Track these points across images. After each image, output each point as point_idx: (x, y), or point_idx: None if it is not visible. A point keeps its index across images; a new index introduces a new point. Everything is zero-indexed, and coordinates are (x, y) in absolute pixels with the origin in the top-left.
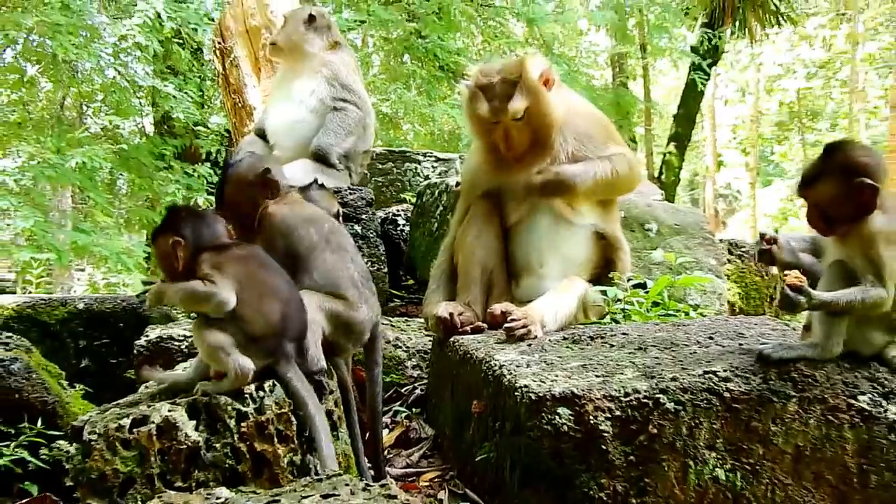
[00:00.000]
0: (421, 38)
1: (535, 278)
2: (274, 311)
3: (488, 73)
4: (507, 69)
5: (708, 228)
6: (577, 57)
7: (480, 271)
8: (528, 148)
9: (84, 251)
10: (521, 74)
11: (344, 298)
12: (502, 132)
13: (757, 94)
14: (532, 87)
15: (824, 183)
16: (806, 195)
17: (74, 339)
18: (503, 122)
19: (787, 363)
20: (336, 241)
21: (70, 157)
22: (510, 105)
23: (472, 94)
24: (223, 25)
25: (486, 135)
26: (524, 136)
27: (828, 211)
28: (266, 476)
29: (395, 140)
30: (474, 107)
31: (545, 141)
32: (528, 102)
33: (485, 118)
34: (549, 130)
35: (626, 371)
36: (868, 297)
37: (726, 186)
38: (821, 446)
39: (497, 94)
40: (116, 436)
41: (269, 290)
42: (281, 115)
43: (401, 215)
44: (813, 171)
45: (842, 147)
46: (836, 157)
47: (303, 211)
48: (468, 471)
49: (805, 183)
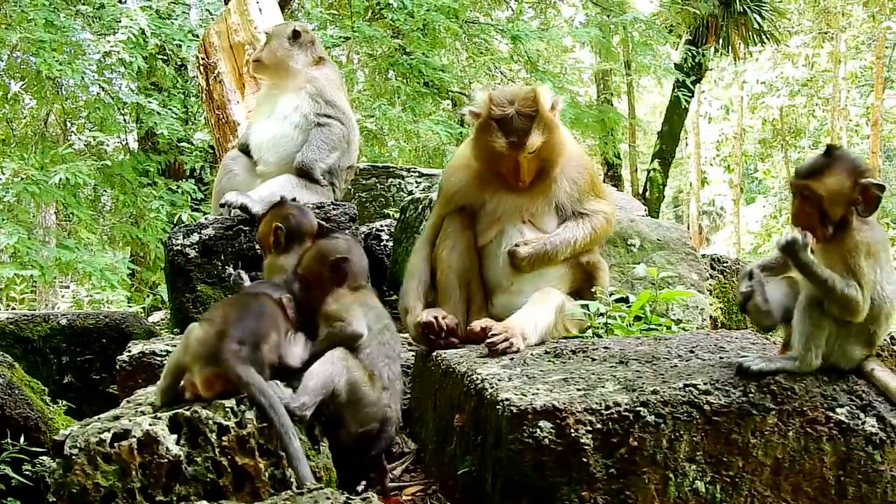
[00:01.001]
0: (406, 55)
1: (508, 295)
2: (216, 316)
3: (502, 105)
4: (521, 100)
5: (690, 244)
6: (562, 74)
7: (458, 283)
8: (534, 177)
9: (68, 268)
10: (538, 108)
11: (371, 374)
12: (513, 163)
13: (740, 112)
14: (548, 122)
15: (833, 176)
16: (809, 186)
17: (57, 354)
18: (517, 154)
19: (766, 376)
20: (385, 339)
21: (54, 174)
22: (529, 141)
23: (486, 125)
24: (207, 41)
25: (493, 163)
26: (534, 166)
27: (826, 207)
28: (247, 490)
29: (380, 156)
30: (487, 139)
31: (550, 172)
32: (544, 138)
33: (501, 153)
34: (556, 163)
35: (607, 384)
36: (847, 290)
37: (710, 203)
38: (799, 458)
39: (515, 128)
40: (97, 450)
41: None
42: (265, 130)
43: (384, 231)
44: (820, 164)
45: (844, 150)
46: (842, 157)
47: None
48: (450, 484)
49: (811, 173)
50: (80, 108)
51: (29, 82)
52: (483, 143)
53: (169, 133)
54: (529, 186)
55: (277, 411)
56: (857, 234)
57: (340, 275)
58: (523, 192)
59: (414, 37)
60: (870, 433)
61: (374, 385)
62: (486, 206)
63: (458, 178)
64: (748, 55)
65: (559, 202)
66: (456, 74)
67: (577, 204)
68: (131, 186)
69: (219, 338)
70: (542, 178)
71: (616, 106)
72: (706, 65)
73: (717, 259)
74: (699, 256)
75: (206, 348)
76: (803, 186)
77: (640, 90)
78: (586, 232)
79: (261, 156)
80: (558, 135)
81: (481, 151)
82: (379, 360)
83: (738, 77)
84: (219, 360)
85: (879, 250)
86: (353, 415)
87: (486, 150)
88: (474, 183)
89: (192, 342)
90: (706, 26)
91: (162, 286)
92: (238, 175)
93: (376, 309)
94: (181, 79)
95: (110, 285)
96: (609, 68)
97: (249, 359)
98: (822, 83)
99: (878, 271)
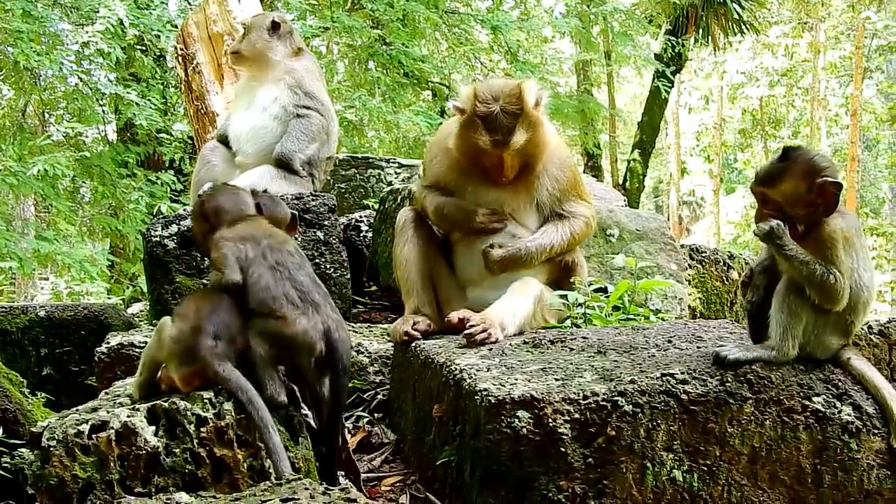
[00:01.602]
0: (385, 45)
1: (482, 289)
2: (189, 311)
3: (486, 101)
4: (506, 97)
5: (669, 234)
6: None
7: (419, 275)
8: (517, 173)
9: (47, 259)
10: (522, 106)
11: (277, 316)
12: (497, 160)
13: (720, 102)
14: (532, 119)
15: (788, 181)
16: (765, 193)
17: (36, 346)
18: (501, 152)
19: (743, 365)
20: (274, 260)
21: (32, 165)
22: (513, 139)
23: (470, 121)
24: (185, 32)
25: (476, 158)
26: (517, 163)
27: (787, 210)
28: (226, 481)
29: (360, 147)
30: (471, 136)
31: (533, 168)
32: (528, 135)
33: (485, 150)
34: (540, 159)
35: (585, 374)
36: (828, 276)
37: (690, 193)
38: (776, 447)
39: (499, 126)
40: (76, 441)
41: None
42: (243, 121)
43: (364, 221)
44: (774, 170)
45: (801, 150)
46: (798, 158)
47: (240, 231)
48: (429, 475)
49: (766, 180)
50: (58, 98)
51: (6, 73)
52: (467, 140)
53: (148, 124)
54: (511, 182)
55: (256, 405)
56: (831, 223)
57: (213, 217)
58: (505, 187)
59: (394, 27)
60: (846, 422)
61: (286, 321)
62: (467, 195)
63: (440, 163)
64: (728, 45)
65: (540, 199)
66: (436, 65)
67: (558, 204)
68: (110, 178)
69: (194, 334)
70: (524, 173)
71: (596, 96)
72: (686, 55)
73: (696, 249)
74: (678, 246)
75: (181, 346)
76: (760, 192)
77: (620, 80)
78: (564, 237)
79: (240, 147)
80: (542, 131)
81: (465, 147)
82: (278, 289)
83: (717, 67)
84: (196, 358)
85: (853, 237)
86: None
87: (469, 147)
88: (455, 172)
89: (167, 339)
90: (686, 16)
91: (141, 278)
92: (217, 166)
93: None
94: (160, 69)
95: (89, 277)
96: (589, 59)
97: (226, 354)
98: (801, 73)
99: (855, 257)
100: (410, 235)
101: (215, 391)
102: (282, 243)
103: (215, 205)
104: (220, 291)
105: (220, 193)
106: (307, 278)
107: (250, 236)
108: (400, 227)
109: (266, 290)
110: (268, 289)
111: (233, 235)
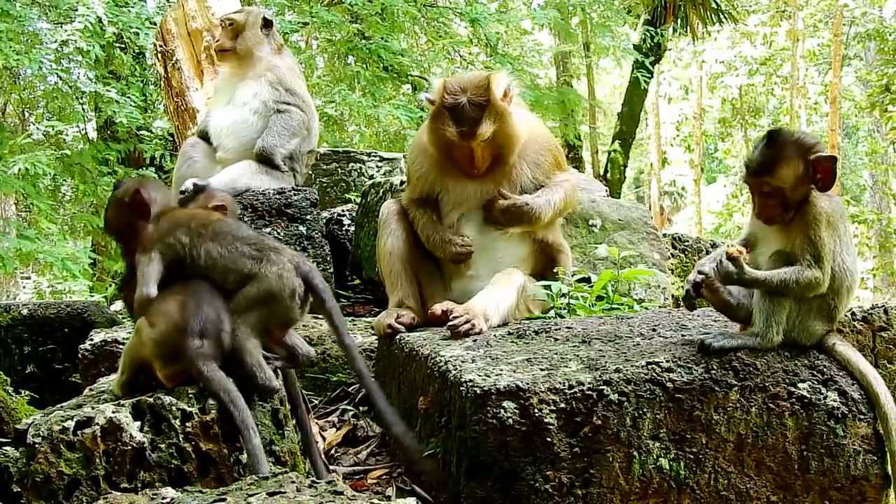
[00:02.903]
0: (365, 40)
1: (466, 281)
2: (172, 308)
3: (454, 92)
4: (474, 89)
5: (651, 224)
6: (522, 56)
7: (402, 268)
8: (490, 165)
9: (29, 258)
10: (489, 98)
11: (246, 276)
12: (467, 151)
13: (700, 92)
14: (500, 110)
15: (786, 165)
16: (767, 182)
17: (19, 344)
18: (469, 143)
19: (728, 352)
20: (212, 231)
21: (12, 164)
22: (479, 130)
23: (439, 113)
24: (164, 29)
25: (447, 151)
26: (487, 154)
27: (788, 194)
28: (212, 475)
29: (341, 142)
30: (440, 127)
31: (506, 159)
32: (495, 126)
33: (452, 141)
34: (512, 150)
35: (570, 364)
36: (802, 278)
37: (671, 183)
38: (762, 434)
39: (465, 117)
40: (61, 438)
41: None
42: (224, 117)
43: (346, 215)
44: (768, 157)
45: (784, 132)
46: (786, 141)
47: (168, 220)
48: (415, 467)
49: (763, 169)
50: (38, 97)
51: None
52: (436, 132)
53: (128, 121)
54: (488, 173)
55: (238, 406)
56: (816, 205)
57: (142, 206)
58: (484, 178)
59: (372, 21)
60: (831, 407)
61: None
62: (449, 192)
63: (420, 164)
64: (706, 35)
65: (522, 186)
66: (415, 58)
67: (545, 179)
68: (91, 176)
69: (179, 333)
70: (499, 164)
71: (576, 88)
72: (665, 45)
73: (679, 238)
74: (660, 236)
75: (167, 345)
76: (761, 183)
77: (599, 72)
78: (561, 196)
79: (220, 142)
80: (510, 122)
81: (435, 139)
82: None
83: (696, 57)
84: (181, 358)
85: (838, 221)
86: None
87: (439, 139)
88: (434, 169)
89: (150, 338)
90: (664, 6)
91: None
92: (198, 162)
93: (178, 223)
94: (139, 67)
95: (72, 275)
96: (568, 50)
97: (211, 353)
98: (780, 62)
99: (838, 241)
100: (393, 228)
101: (200, 386)
102: (208, 218)
103: (142, 200)
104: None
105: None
106: (252, 232)
107: (175, 225)
108: (383, 220)
109: (221, 259)
110: (221, 257)
111: (159, 234)
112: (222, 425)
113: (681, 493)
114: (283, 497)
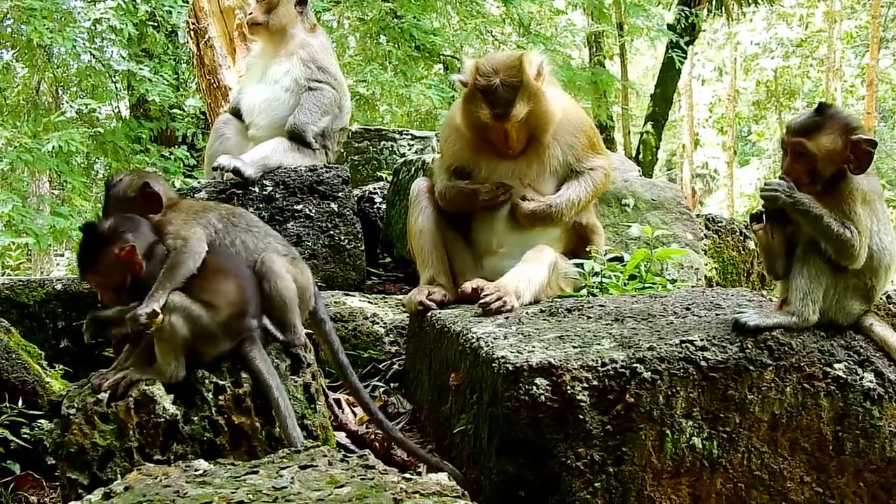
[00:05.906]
0: (397, 18)
1: (498, 258)
2: (231, 290)
3: (487, 74)
4: (506, 69)
5: (685, 203)
6: (555, 36)
7: (433, 245)
8: (525, 145)
9: (63, 235)
10: (522, 78)
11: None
12: (501, 133)
13: (734, 73)
14: (533, 90)
15: (825, 135)
16: (803, 143)
17: (53, 319)
18: (503, 125)
19: (763, 332)
20: (245, 223)
21: (47, 142)
22: (513, 111)
23: (472, 94)
24: (197, 6)
25: (481, 132)
26: (522, 134)
27: (818, 164)
28: (244, 448)
29: (372, 122)
30: (473, 109)
31: (541, 139)
32: (529, 107)
33: (486, 123)
34: (547, 129)
35: (603, 342)
36: (843, 232)
37: (703, 166)
38: (797, 414)
39: (498, 98)
40: (95, 410)
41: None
42: (256, 94)
43: (377, 193)
44: (811, 123)
45: (836, 107)
46: (834, 114)
47: (191, 208)
48: (446, 443)
49: (803, 131)
50: (71, 76)
51: (20, 51)
52: (469, 113)
53: (161, 100)
54: (523, 152)
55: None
56: (852, 182)
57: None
58: (518, 159)
59: (405, 0)
60: (868, 388)
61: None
62: (482, 171)
63: (453, 142)
64: (742, 16)
65: (554, 166)
66: (447, 38)
67: (577, 163)
68: (124, 153)
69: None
70: (533, 143)
71: (609, 68)
72: (699, 26)
73: (712, 219)
74: (694, 216)
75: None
76: (797, 143)
77: (632, 52)
78: (588, 190)
79: (252, 119)
80: (544, 102)
81: (469, 121)
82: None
83: (731, 38)
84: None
85: (874, 199)
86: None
87: (472, 121)
88: (468, 148)
89: (210, 319)
90: None
91: None
92: (230, 139)
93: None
94: (172, 45)
95: None
96: (602, 30)
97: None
98: (816, 44)
99: (875, 221)
100: (424, 206)
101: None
102: (235, 209)
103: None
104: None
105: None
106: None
107: (205, 209)
108: (414, 197)
109: (256, 251)
110: (257, 249)
111: (188, 216)
112: (255, 399)
113: (713, 472)
114: (315, 470)
